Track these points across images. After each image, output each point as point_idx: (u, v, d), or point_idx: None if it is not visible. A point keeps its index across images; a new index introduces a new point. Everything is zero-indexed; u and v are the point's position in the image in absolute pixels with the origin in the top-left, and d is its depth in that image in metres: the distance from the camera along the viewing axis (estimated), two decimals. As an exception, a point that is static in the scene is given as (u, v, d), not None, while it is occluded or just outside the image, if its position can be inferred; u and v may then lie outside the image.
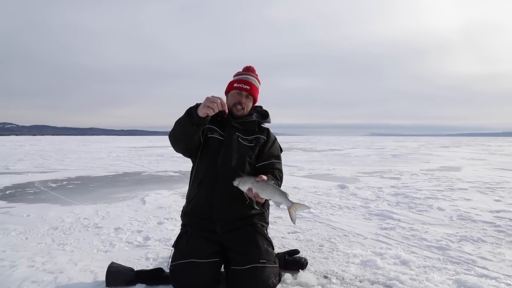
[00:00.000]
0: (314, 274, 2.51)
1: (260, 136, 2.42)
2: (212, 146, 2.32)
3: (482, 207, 4.76)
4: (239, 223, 2.28)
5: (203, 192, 2.30)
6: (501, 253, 2.96)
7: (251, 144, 2.37)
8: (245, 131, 2.39)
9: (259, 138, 2.41)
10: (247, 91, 2.39)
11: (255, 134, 2.42)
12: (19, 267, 2.56)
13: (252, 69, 2.50)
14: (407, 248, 3.08)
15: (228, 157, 2.29)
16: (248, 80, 2.42)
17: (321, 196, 5.59)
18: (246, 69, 2.50)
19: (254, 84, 2.44)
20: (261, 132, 2.46)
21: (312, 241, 3.28)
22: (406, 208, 4.71)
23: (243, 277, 2.10)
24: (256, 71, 2.53)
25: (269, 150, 2.43)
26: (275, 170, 2.37)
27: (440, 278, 2.41)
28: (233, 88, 2.41)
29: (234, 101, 2.40)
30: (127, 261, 2.70)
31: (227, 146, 2.31)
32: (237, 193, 2.19)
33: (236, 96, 2.40)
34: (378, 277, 2.43)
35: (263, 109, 2.58)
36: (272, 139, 2.49)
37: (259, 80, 2.50)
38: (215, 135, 2.35)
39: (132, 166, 11.04)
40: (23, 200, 5.29)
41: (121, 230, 3.60)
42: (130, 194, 5.81)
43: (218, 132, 2.36)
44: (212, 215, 2.25)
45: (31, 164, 11.41)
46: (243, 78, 2.43)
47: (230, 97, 2.44)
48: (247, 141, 2.36)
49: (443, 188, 6.46)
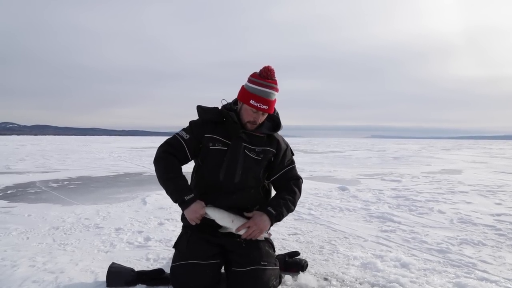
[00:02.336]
0: (314, 276, 2.51)
1: (269, 149, 2.27)
2: (215, 158, 2.20)
3: (483, 210, 4.76)
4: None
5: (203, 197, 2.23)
6: (501, 256, 2.96)
7: (258, 157, 2.23)
8: (253, 143, 2.23)
9: (267, 151, 2.26)
10: (265, 111, 2.16)
11: (264, 146, 2.26)
12: (20, 266, 2.57)
13: (272, 75, 2.16)
14: (408, 250, 3.08)
15: (231, 172, 2.19)
16: (268, 99, 2.12)
17: (322, 198, 5.59)
18: (266, 75, 2.14)
19: (272, 102, 2.17)
20: (270, 143, 2.28)
21: (313, 243, 3.28)
22: (407, 210, 4.71)
23: (244, 279, 2.11)
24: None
25: (281, 161, 2.32)
26: (289, 182, 2.35)
27: (440, 281, 2.41)
28: (250, 105, 2.12)
29: (249, 119, 2.18)
30: (127, 262, 2.71)
31: (231, 159, 2.18)
32: (237, 202, 2.22)
33: (251, 114, 2.16)
34: (378, 280, 2.43)
35: (277, 116, 2.34)
36: (283, 149, 2.34)
37: (278, 89, 2.18)
38: (217, 146, 2.20)
39: (133, 167, 11.05)
40: (24, 200, 5.31)
41: (122, 231, 3.60)
42: (131, 195, 5.82)
43: (221, 142, 2.20)
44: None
45: (32, 164, 11.43)
46: (263, 96, 2.12)
47: (244, 111, 2.18)
48: (254, 153, 2.22)
49: (444, 191, 6.45)
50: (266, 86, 2.13)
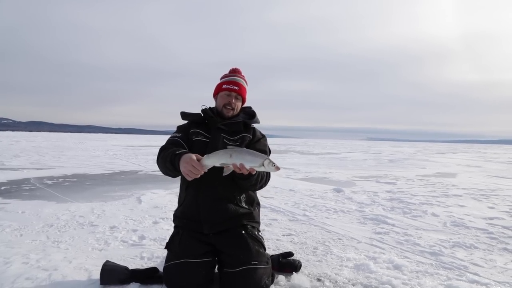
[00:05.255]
0: (308, 276, 2.53)
1: (246, 134, 2.42)
2: (197, 149, 2.30)
3: (476, 214, 4.80)
4: (228, 224, 2.28)
5: (190, 194, 2.32)
6: (492, 259, 2.99)
7: (237, 143, 2.36)
8: (231, 132, 2.40)
9: (244, 137, 2.41)
10: (236, 92, 2.44)
11: (241, 133, 2.42)
12: (13, 263, 2.56)
13: (239, 71, 2.55)
14: (401, 253, 3.11)
15: None
16: (236, 81, 2.46)
17: (317, 199, 5.61)
18: (232, 70, 2.54)
19: (242, 85, 2.49)
20: (247, 130, 2.46)
21: (307, 244, 3.30)
22: (401, 213, 4.74)
23: (236, 279, 2.13)
24: (243, 73, 2.56)
25: (254, 146, 2.38)
26: None
27: (432, 283, 2.44)
28: (222, 89, 2.45)
29: (224, 102, 2.43)
30: (122, 260, 2.71)
31: (211, 148, 2.29)
32: (223, 193, 2.23)
33: (225, 98, 2.43)
34: (371, 281, 2.45)
35: (252, 109, 2.59)
36: (258, 136, 2.49)
37: (246, 80, 2.55)
38: (200, 138, 2.37)
39: (129, 165, 11.03)
40: (18, 197, 5.28)
41: (116, 229, 3.60)
42: (126, 193, 5.81)
43: (203, 135, 2.38)
44: (199, 217, 2.27)
45: (27, 161, 11.38)
46: (231, 80, 2.46)
47: (219, 99, 2.47)
48: (232, 142, 2.36)
49: (438, 194, 6.50)
50: (233, 75, 2.51)
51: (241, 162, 1.99)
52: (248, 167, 1.99)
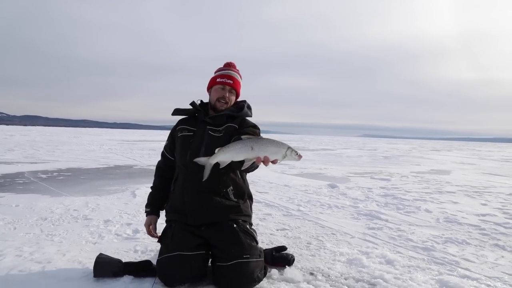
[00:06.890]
0: (301, 270, 2.55)
1: (231, 124, 2.36)
2: (183, 143, 2.37)
3: (469, 210, 4.85)
4: (213, 216, 2.27)
5: (177, 188, 2.36)
6: (484, 255, 3.03)
7: (221, 133, 2.33)
8: (216, 125, 2.37)
9: (229, 127, 2.35)
10: (230, 85, 2.43)
11: (226, 123, 2.36)
12: (7, 256, 2.56)
13: (233, 65, 2.54)
14: (393, 248, 3.13)
15: (196, 150, 2.29)
16: (230, 75, 2.45)
17: (311, 195, 5.64)
18: (227, 64, 2.53)
19: (236, 79, 2.48)
20: (233, 120, 2.39)
21: (300, 239, 3.32)
22: (394, 209, 4.77)
23: (228, 273, 2.14)
24: (239, 67, 2.56)
25: (243, 131, 2.27)
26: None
27: (423, 278, 2.47)
28: (216, 83, 2.44)
29: (218, 96, 2.42)
30: (115, 253, 2.71)
31: (196, 141, 2.33)
32: (207, 185, 2.19)
33: (219, 91, 2.42)
34: (363, 275, 2.48)
35: (244, 103, 2.53)
36: (248, 124, 2.40)
37: (240, 75, 2.54)
38: (184, 133, 2.41)
39: (124, 159, 11.00)
40: (12, 190, 5.26)
41: (110, 223, 3.60)
42: (121, 187, 5.80)
43: (188, 129, 2.41)
44: (184, 208, 2.28)
45: (21, 155, 11.31)
46: (225, 73, 2.46)
47: (213, 92, 2.46)
48: (218, 132, 2.33)
49: (432, 190, 6.55)
50: (228, 68, 2.51)
51: (265, 155, 1.86)
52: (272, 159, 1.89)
